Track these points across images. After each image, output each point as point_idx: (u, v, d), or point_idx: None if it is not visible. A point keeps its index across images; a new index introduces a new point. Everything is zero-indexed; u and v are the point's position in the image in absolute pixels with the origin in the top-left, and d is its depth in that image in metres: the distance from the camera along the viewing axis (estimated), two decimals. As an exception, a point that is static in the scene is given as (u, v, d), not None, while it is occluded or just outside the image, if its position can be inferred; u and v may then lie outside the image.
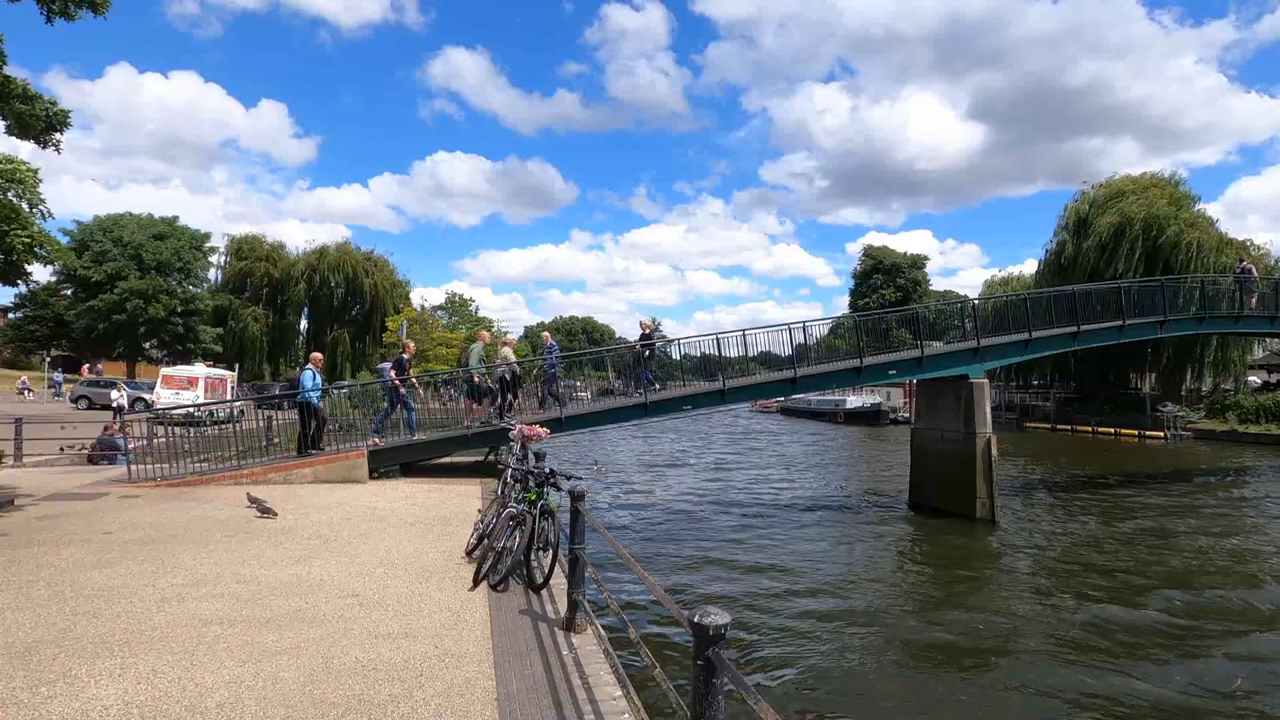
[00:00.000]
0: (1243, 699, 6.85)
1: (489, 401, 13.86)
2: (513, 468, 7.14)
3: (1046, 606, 9.66)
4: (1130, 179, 40.28)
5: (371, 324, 51.82)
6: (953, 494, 15.38)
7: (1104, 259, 36.18)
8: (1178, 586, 10.52)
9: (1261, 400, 33.30)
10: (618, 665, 4.16)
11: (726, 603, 9.58)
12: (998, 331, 17.42)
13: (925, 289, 68.53)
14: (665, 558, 12.10)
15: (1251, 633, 8.74)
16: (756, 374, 16.12)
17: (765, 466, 25.42)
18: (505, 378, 13.71)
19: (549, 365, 14.88)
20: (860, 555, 12.61)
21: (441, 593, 5.70)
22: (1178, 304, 19.73)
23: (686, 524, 15.18)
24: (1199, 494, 18.97)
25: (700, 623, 2.26)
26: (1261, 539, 13.95)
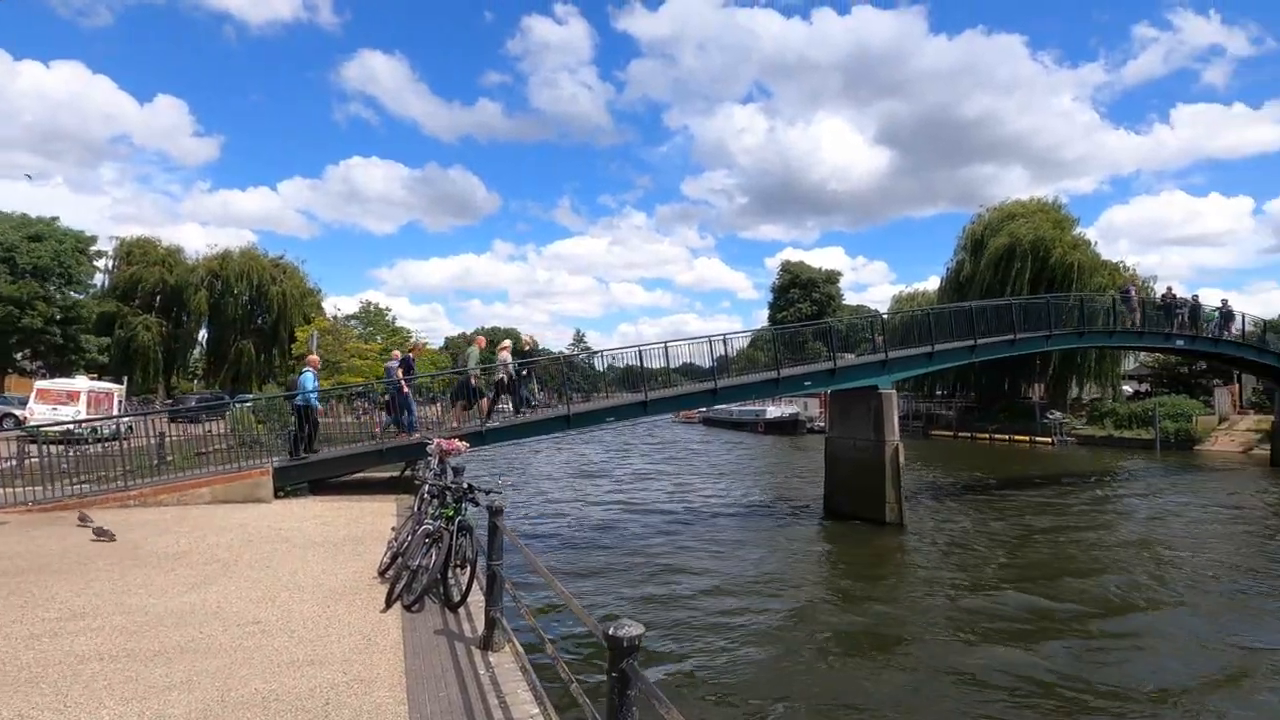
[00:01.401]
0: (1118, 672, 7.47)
1: (488, 402, 14.02)
2: (430, 483, 6.96)
3: (949, 602, 10.25)
4: (1020, 204, 43.55)
5: (279, 334, 49.21)
6: (864, 500, 16.07)
7: (998, 277, 38.88)
8: (1062, 575, 11.42)
9: (1132, 408, 36.57)
10: (536, 683, 4.11)
11: (648, 611, 9.64)
12: (904, 345, 18.41)
13: (839, 303, 71.45)
14: (589, 569, 12.05)
15: (1120, 613, 9.58)
16: (679, 385, 16.37)
17: (687, 476, 25.75)
18: (503, 380, 13.95)
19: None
20: (777, 561, 12.96)
21: (352, 615, 5.46)
22: (1061, 319, 21.42)
23: (609, 534, 15.17)
24: (1078, 493, 20.62)
25: (614, 635, 2.27)
26: (1126, 531, 15.30)
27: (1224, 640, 8.71)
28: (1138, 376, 45.44)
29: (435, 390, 18.77)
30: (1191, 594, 10.69)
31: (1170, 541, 14.36)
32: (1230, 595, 10.67)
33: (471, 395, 14.14)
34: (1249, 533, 15.41)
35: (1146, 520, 16.76)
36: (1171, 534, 15.12)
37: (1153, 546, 13.93)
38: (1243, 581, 11.38)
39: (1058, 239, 39.25)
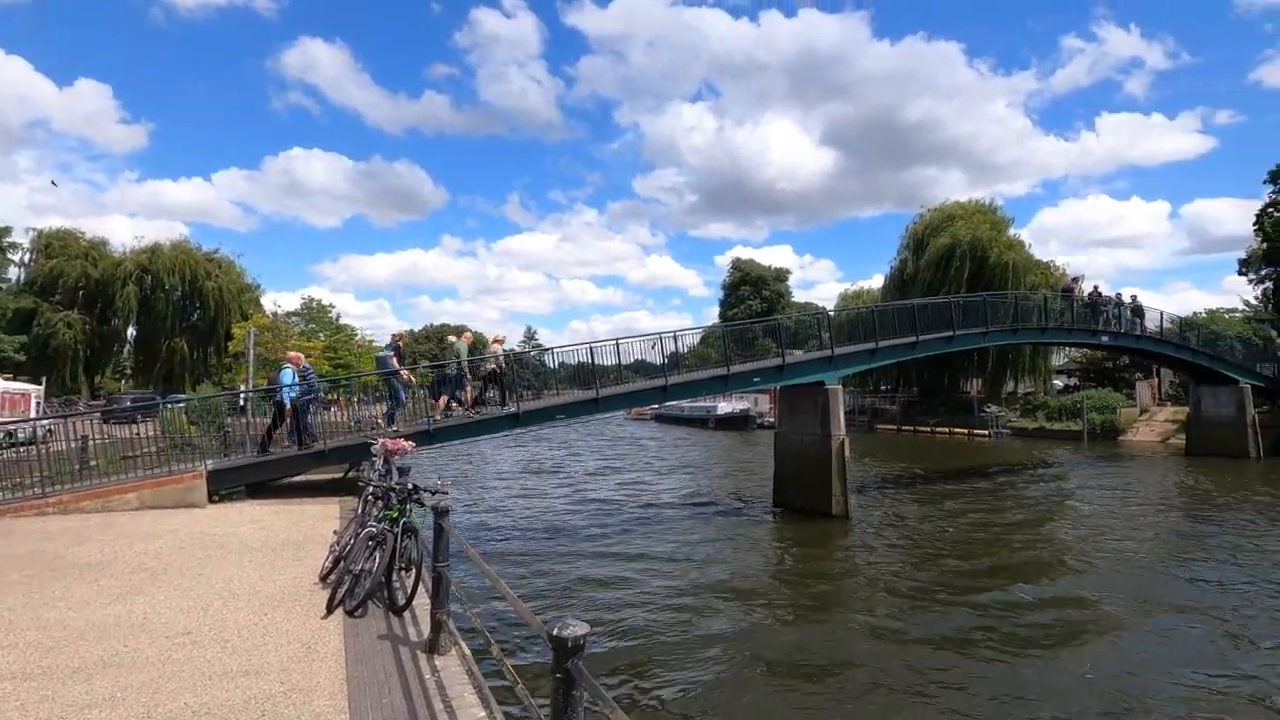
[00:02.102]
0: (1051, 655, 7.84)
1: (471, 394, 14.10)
2: (373, 484, 6.78)
3: (891, 590, 10.56)
4: (959, 205, 45.14)
5: (215, 331, 47.13)
6: (811, 493, 16.40)
7: (939, 275, 40.22)
8: (997, 561, 11.93)
9: (1062, 401, 38.41)
10: (483, 686, 4.05)
11: (598, 608, 9.63)
12: (850, 341, 18.86)
13: (787, 301, 72.76)
14: (540, 567, 11.96)
15: (1047, 594, 10.06)
16: (631, 382, 16.38)
17: (639, 472, 25.83)
18: (493, 371, 14.19)
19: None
20: (726, 554, 13.12)
21: (291, 623, 5.28)
22: (997, 317, 22.31)
23: (561, 532, 15.09)
24: (1012, 483, 21.55)
25: (559, 635, 2.25)
26: (1055, 518, 16.09)
27: (1147, 616, 9.26)
28: (1067, 371, 47.71)
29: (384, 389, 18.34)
30: (1116, 573, 11.34)
31: (1096, 526, 15.18)
32: (1150, 572, 11.37)
33: (456, 387, 14.11)
34: (1165, 517, 16.38)
35: (1074, 507, 17.64)
36: (1097, 519, 15.96)
37: (1080, 531, 14.71)
38: (1160, 561, 12.15)
39: (994, 239, 40.83)
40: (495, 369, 14.33)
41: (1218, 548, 13.05)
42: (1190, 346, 27.21)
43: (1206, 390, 28.01)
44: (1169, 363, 29.98)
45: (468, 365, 14.40)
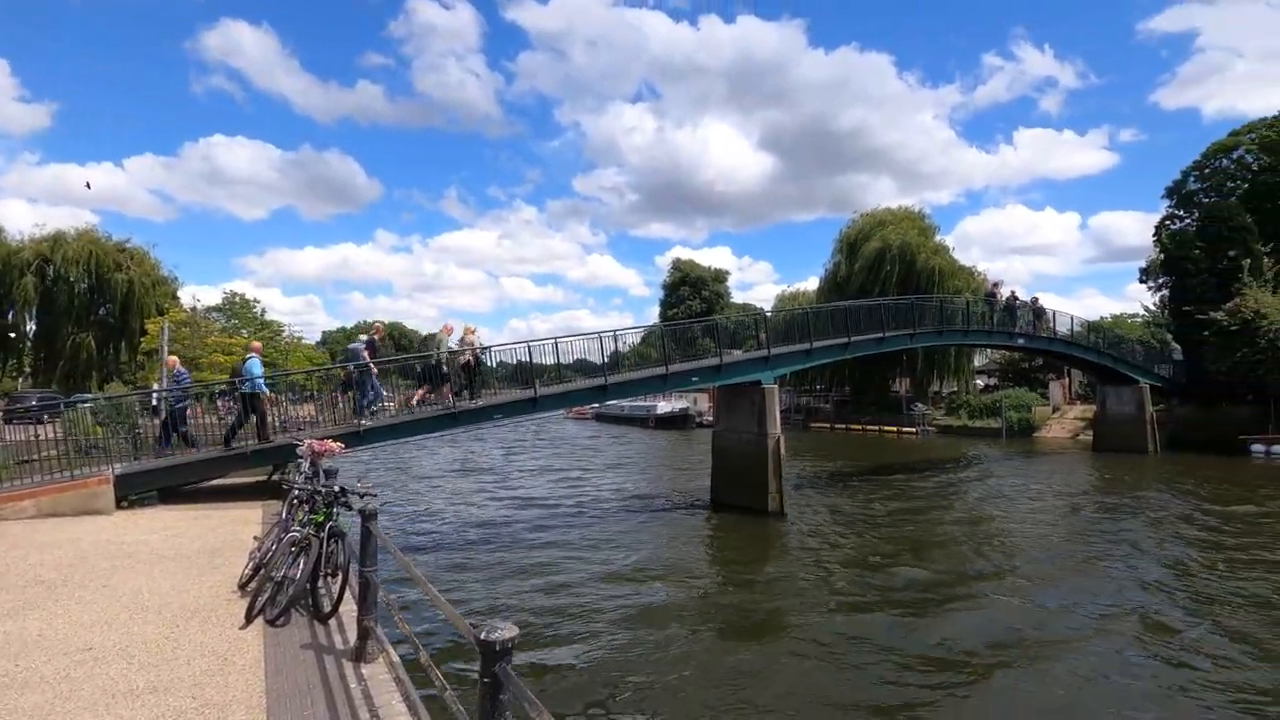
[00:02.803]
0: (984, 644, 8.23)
1: (449, 387, 14.06)
2: (298, 487, 6.51)
3: (824, 583, 10.87)
4: (889, 211, 46.81)
5: (127, 326, 44.19)
6: (748, 490, 16.70)
7: (870, 278, 41.60)
8: (924, 552, 12.44)
9: (983, 400, 40.43)
10: (410, 693, 3.94)
11: (532, 609, 9.54)
12: (786, 342, 19.30)
13: (726, 301, 73.80)
14: (473, 570, 11.75)
15: (970, 579, 10.57)
16: (571, 381, 16.29)
17: (578, 471, 25.71)
18: (468, 363, 14.17)
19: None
20: (664, 553, 13.21)
21: (205, 635, 5.01)
22: (924, 319, 23.28)
23: (496, 532, 14.87)
24: (937, 478, 22.51)
25: (486, 639, 2.21)
26: (975, 510, 16.90)
27: (1061, 598, 9.85)
28: (988, 371, 50.19)
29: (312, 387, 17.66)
30: (1029, 560, 12.03)
31: (1012, 517, 16.06)
32: (1060, 558, 12.11)
33: (439, 379, 14.13)
34: (1073, 508, 17.44)
35: (992, 501, 18.57)
36: (1013, 511, 16.87)
37: (997, 522, 15.53)
38: (1070, 546, 12.94)
39: (922, 245, 42.53)
40: (469, 360, 14.30)
41: (1115, 536, 13.99)
42: (1097, 349, 29.09)
43: (1111, 390, 30.01)
44: (1078, 364, 31.94)
45: (444, 358, 14.25)
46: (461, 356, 14.23)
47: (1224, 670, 7.49)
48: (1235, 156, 39.07)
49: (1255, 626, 8.71)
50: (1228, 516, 15.65)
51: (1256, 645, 8.11)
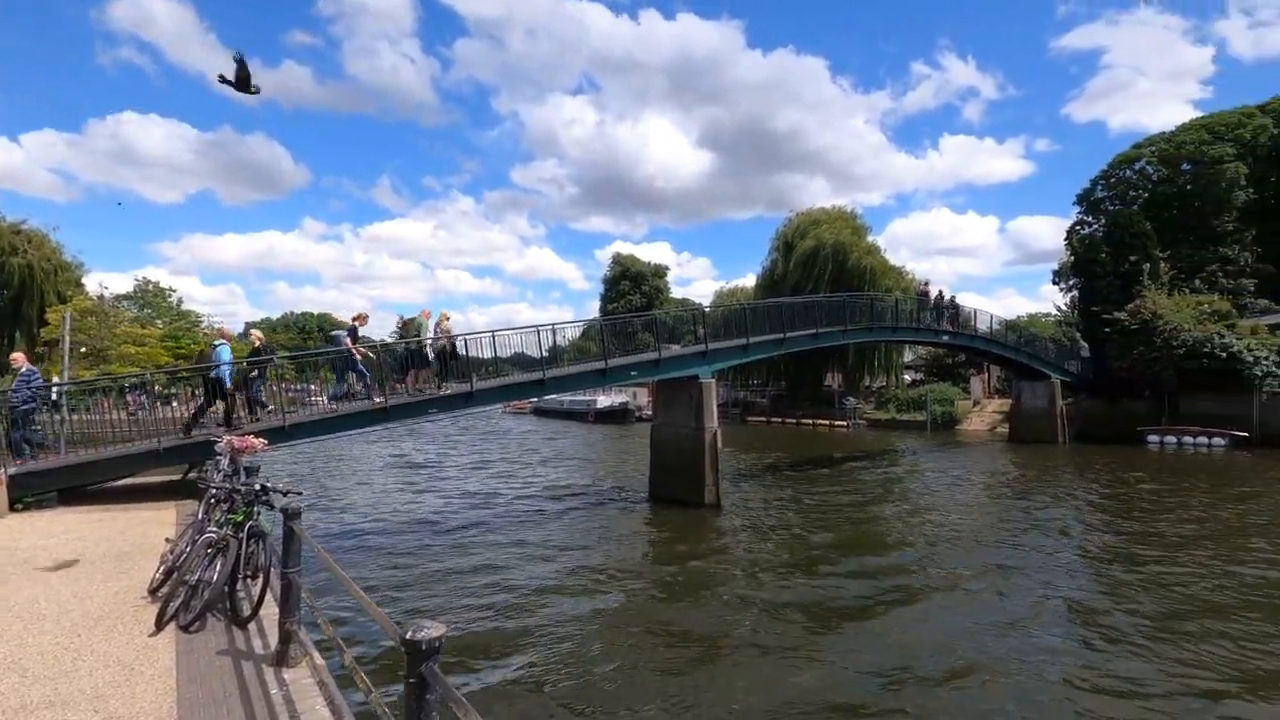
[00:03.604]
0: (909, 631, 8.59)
1: (430, 371, 14.34)
2: (215, 486, 6.19)
3: (755, 574, 11.10)
4: (824, 211, 48.11)
5: (23, 314, 40.87)
6: (685, 483, 16.89)
7: (805, 276, 42.69)
8: (853, 540, 12.88)
9: (910, 394, 42.16)
10: (335, 697, 3.81)
11: (465, 607, 9.39)
12: (724, 337, 19.59)
13: (666, 296, 74.21)
14: (404, 568, 11.46)
15: (897, 563, 11.04)
16: (508, 375, 16.05)
17: (515, 466, 25.42)
18: (446, 349, 14.27)
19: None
20: (600, 548, 13.20)
21: (110, 644, 4.70)
22: (856, 316, 24.06)
23: (429, 530, 14.54)
24: (866, 469, 23.37)
25: (412, 639, 2.15)
26: (902, 498, 17.64)
27: (984, 580, 10.39)
28: (915, 367, 52.31)
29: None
30: (947, 544, 12.64)
31: (936, 505, 16.81)
32: (980, 543, 12.77)
33: (421, 364, 14.35)
34: (991, 495, 18.43)
35: (917, 489, 19.40)
36: (937, 499, 17.66)
37: (922, 510, 16.23)
38: (983, 532, 13.67)
39: (855, 244, 43.91)
40: (446, 346, 14.43)
41: (1026, 520, 14.88)
42: (1014, 347, 30.77)
43: (1026, 385, 31.80)
44: (997, 360, 33.68)
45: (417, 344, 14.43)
46: (439, 343, 14.38)
47: (1120, 633, 8.08)
48: (1138, 168, 41.94)
49: (1147, 598, 9.43)
50: (1124, 500, 16.87)
51: (1150, 617, 8.78)
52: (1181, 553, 12.01)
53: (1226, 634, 8.22)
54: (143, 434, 12.33)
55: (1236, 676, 7.18)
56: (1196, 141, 39.06)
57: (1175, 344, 28.52)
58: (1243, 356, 27.31)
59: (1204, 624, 8.57)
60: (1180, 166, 39.66)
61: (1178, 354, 28.48)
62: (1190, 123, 41.66)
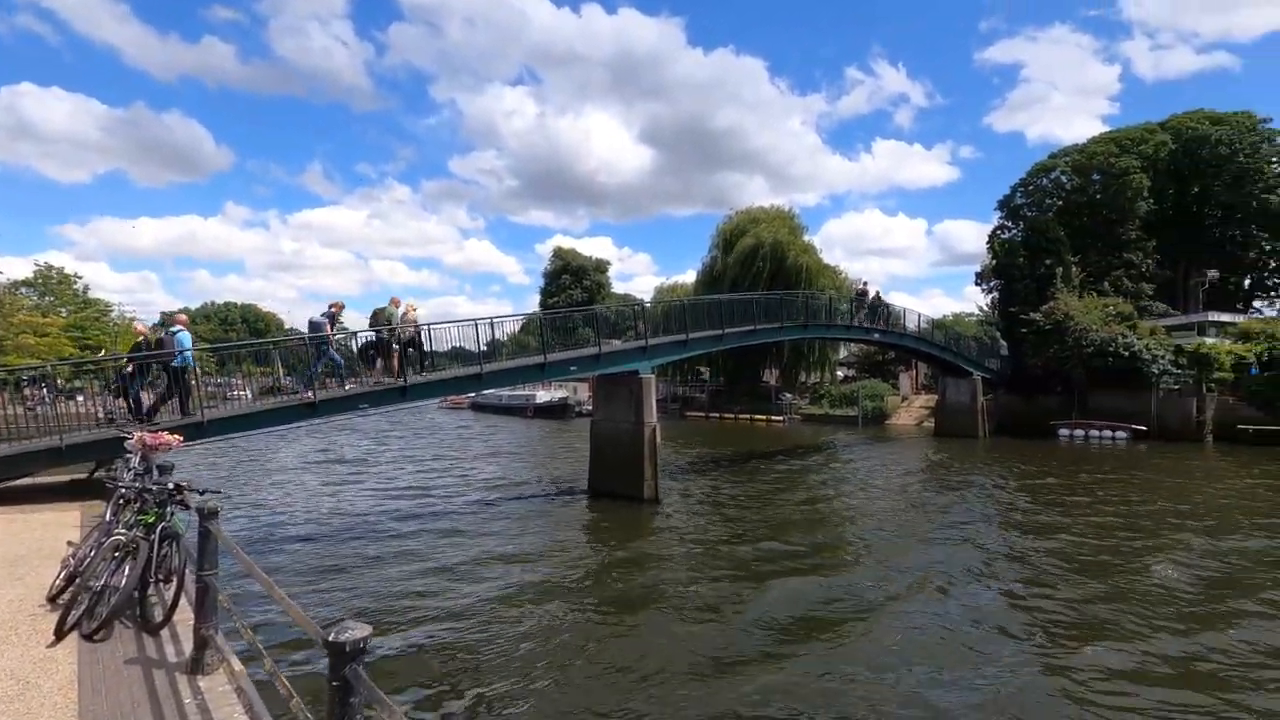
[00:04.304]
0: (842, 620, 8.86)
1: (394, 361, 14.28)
2: (124, 485, 5.83)
3: (692, 564, 11.26)
4: (763, 210, 49.00)
5: (-97, 300, 37.41)
6: (624, 478, 16.95)
7: (744, 273, 43.39)
8: (787, 532, 13.23)
9: (843, 390, 43.55)
10: (254, 704, 3.65)
11: (394, 608, 9.16)
12: (664, 333, 19.73)
13: (607, 291, 74.15)
14: (332, 569, 11.09)
15: (829, 551, 11.40)
16: (445, 369, 15.71)
17: (451, 462, 24.92)
18: (411, 339, 14.36)
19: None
20: (537, 543, 13.09)
21: (2, 658, 4.36)
22: (792, 314, 24.64)
23: (361, 528, 14.11)
24: (801, 462, 24.04)
25: (336, 640, 2.09)
26: (834, 490, 18.23)
27: (914, 563, 10.85)
28: (848, 364, 54.05)
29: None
30: (878, 531, 13.18)
31: (865, 495, 17.49)
32: (904, 527, 13.36)
33: (387, 353, 14.27)
34: (916, 486, 19.25)
35: (848, 480, 20.08)
36: (867, 490, 18.35)
37: (852, 500, 16.87)
38: (912, 518, 14.29)
39: (792, 243, 44.91)
40: (413, 335, 14.54)
41: (948, 507, 15.64)
42: (940, 345, 32.18)
43: (950, 381, 33.32)
44: (924, 358, 35.16)
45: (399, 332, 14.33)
46: (407, 331, 14.37)
47: (1035, 602, 8.61)
48: (1053, 177, 44.46)
49: (1054, 571, 10.08)
50: (1036, 488, 17.93)
51: (1051, 586, 9.38)
52: (1079, 534, 12.88)
53: (1112, 596, 8.91)
54: (43, 430, 11.48)
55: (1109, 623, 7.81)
56: (1105, 154, 41.68)
57: (1084, 343, 30.44)
58: (1143, 356, 29.39)
59: (1090, 586, 9.25)
60: (1091, 177, 42.25)
61: (1086, 353, 30.42)
62: (1100, 136, 44.45)
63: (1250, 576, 10.62)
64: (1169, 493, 17.47)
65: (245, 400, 14.57)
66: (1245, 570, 10.94)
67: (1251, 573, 10.81)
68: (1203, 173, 41.57)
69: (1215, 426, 28.45)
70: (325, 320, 13.91)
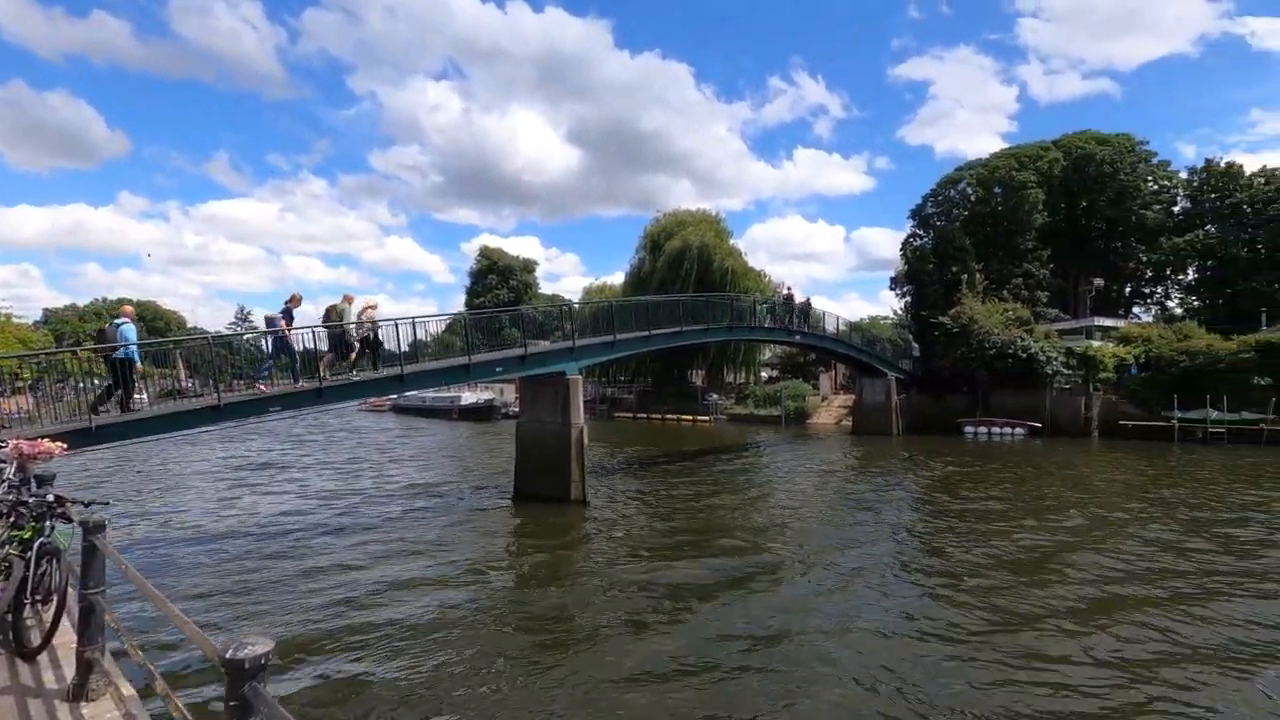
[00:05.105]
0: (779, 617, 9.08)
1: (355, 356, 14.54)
2: (-2, 499, 5.32)
3: (622, 568, 11.29)
4: (689, 213, 49.74)
5: None
6: (551, 480, 16.82)
7: (671, 275, 43.92)
8: (711, 530, 13.47)
9: (767, 390, 44.74)
10: (146, 728, 3.41)
11: (308, 620, 8.77)
12: (592, 334, 19.71)
13: (535, 292, 73.40)
14: (241, 582, 10.49)
15: (756, 549, 11.70)
16: (365, 370, 15.12)
17: (372, 466, 24.04)
18: (369, 337, 14.62)
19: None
20: (458, 548, 12.78)
21: None
22: (718, 316, 25.12)
23: (272, 537, 13.40)
24: (726, 461, 24.53)
25: (233, 657, 1.98)
26: (759, 488, 18.72)
27: (834, 557, 11.25)
28: (771, 365, 55.56)
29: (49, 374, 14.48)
30: (800, 527, 13.58)
31: (787, 492, 18.03)
32: (821, 523, 13.86)
33: (346, 350, 14.45)
34: (834, 481, 20.02)
35: (771, 478, 20.66)
36: (788, 486, 18.91)
37: (774, 497, 17.35)
38: (831, 512, 14.85)
39: (718, 246, 45.80)
40: (370, 334, 14.68)
41: (864, 500, 16.34)
42: (857, 346, 33.58)
43: (867, 381, 34.81)
44: (843, 359, 36.57)
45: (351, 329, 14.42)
46: (361, 330, 14.47)
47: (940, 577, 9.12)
48: (959, 189, 47.16)
49: (958, 550, 10.71)
50: (941, 481, 19.00)
51: (959, 562, 9.98)
52: (977, 520, 13.75)
53: (1010, 581, 9.56)
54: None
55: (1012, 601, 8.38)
56: (1006, 169, 44.59)
57: (987, 346, 32.46)
58: (1038, 358, 31.62)
59: (991, 575, 9.90)
60: (993, 190, 45.11)
61: (989, 354, 32.44)
62: (1001, 152, 47.54)
63: (1119, 547, 11.82)
64: (1061, 481, 18.92)
65: (142, 403, 13.57)
66: (1115, 541, 12.15)
67: (1120, 544, 12.03)
68: (1090, 189, 45.18)
69: (1100, 423, 30.91)
70: (281, 315, 13.83)
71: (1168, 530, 13.45)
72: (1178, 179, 46.86)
